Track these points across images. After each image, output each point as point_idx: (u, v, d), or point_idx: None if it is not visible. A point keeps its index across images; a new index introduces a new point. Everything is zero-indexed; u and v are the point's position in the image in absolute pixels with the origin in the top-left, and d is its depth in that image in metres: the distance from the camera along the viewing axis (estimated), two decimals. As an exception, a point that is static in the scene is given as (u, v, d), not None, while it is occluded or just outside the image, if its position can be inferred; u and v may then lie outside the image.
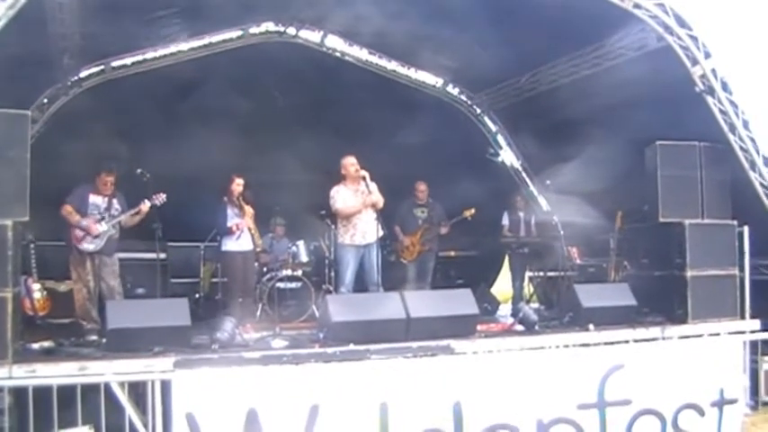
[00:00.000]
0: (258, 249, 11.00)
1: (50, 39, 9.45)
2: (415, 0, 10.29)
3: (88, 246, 9.52)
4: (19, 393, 6.72)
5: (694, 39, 9.46)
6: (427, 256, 12.25)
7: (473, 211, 12.15)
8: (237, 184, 10.58)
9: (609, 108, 11.12)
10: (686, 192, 9.86)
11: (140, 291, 11.41)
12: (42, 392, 6.66)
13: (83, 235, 9.46)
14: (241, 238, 10.45)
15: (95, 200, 9.71)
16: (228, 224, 10.42)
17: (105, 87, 12.23)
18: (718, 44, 9.65)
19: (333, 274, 11.47)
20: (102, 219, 9.61)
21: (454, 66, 13.58)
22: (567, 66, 11.78)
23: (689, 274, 9.68)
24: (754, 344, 9.57)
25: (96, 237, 9.52)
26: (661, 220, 9.86)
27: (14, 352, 7.15)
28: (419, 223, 12.24)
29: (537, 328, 9.46)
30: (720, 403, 8.72)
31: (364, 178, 9.93)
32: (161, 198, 9.80)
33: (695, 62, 9.53)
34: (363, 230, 10.07)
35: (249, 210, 10.66)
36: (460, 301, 8.93)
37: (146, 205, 9.74)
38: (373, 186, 10.00)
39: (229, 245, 10.48)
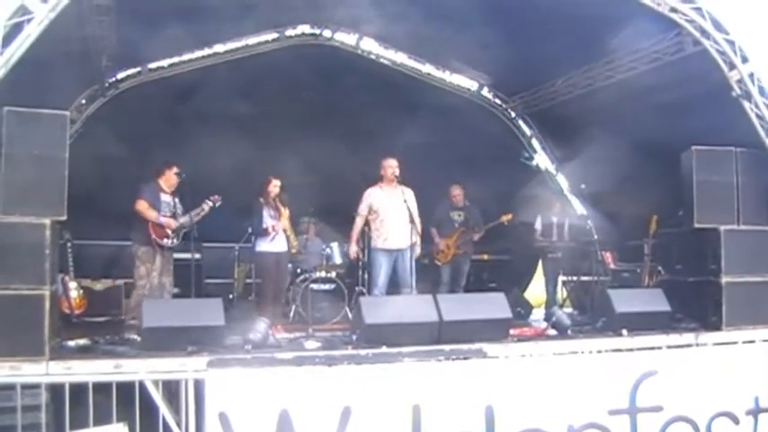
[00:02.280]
0: (294, 251, 11.03)
1: (89, 40, 9.54)
2: (449, 4, 10.27)
3: (168, 242, 9.78)
4: (55, 390, 6.80)
5: (731, 43, 9.36)
6: (462, 259, 12.30)
7: (510, 216, 12.18)
8: (274, 186, 10.62)
9: (644, 112, 11.07)
10: (722, 197, 9.74)
11: (175, 290, 11.49)
12: (78, 389, 6.75)
13: (163, 231, 9.69)
14: (275, 239, 10.48)
15: (165, 198, 9.96)
16: (264, 225, 10.45)
17: (142, 89, 12.34)
18: (755, 48, 9.60)
19: (366, 276, 11.49)
20: (174, 216, 9.89)
21: (489, 70, 13.56)
22: (602, 70, 11.69)
23: (724, 280, 9.55)
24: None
25: (174, 233, 9.78)
26: (696, 225, 9.76)
27: (51, 349, 7.23)
28: (455, 226, 12.29)
29: (570, 332, 9.42)
30: (756, 412, 8.66)
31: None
32: (218, 200, 10.01)
33: (732, 66, 9.42)
34: (396, 235, 10.10)
35: (285, 211, 10.68)
36: (493, 305, 8.91)
37: (207, 205, 9.93)
38: (410, 195, 10.10)
39: (263, 246, 10.51)
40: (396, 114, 12.74)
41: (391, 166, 10.20)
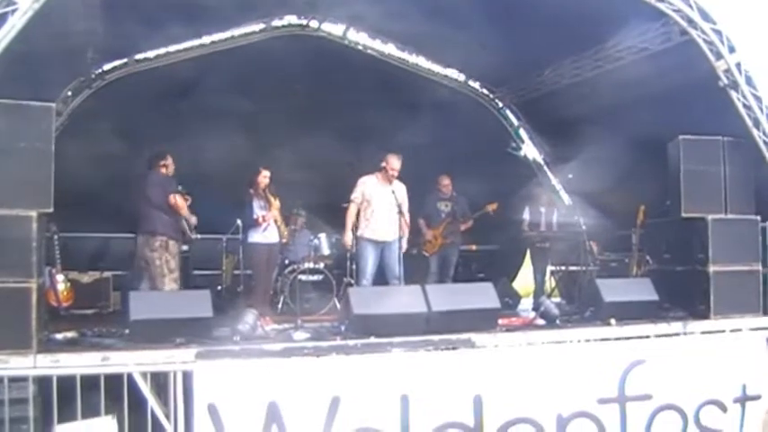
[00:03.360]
0: (284, 241, 11.01)
1: (75, 31, 9.48)
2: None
3: (195, 236, 10.11)
4: (43, 383, 6.77)
5: (718, 33, 9.37)
6: (450, 249, 12.28)
7: (495, 205, 12.16)
8: (264, 176, 10.58)
9: (632, 102, 11.07)
10: (709, 187, 9.74)
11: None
12: (66, 382, 6.73)
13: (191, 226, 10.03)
14: (267, 230, 10.45)
15: None
16: (254, 216, 10.43)
17: (128, 81, 12.29)
18: (742, 38, 9.61)
19: (354, 267, 11.48)
20: None
21: (476, 60, 13.52)
22: (589, 60, 11.72)
23: (711, 269, 9.55)
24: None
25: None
26: (683, 215, 9.76)
27: (38, 342, 7.19)
28: (442, 217, 12.27)
29: (558, 322, 9.40)
30: (743, 399, 8.71)
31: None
32: None
33: (719, 56, 9.43)
34: (384, 227, 10.17)
35: (276, 202, 10.66)
36: (482, 295, 8.90)
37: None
38: (401, 188, 10.22)
39: (255, 237, 10.49)
40: (383, 106, 12.72)
41: (393, 167, 10.27)
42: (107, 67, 12.04)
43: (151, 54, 12.31)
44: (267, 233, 10.50)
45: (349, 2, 11.05)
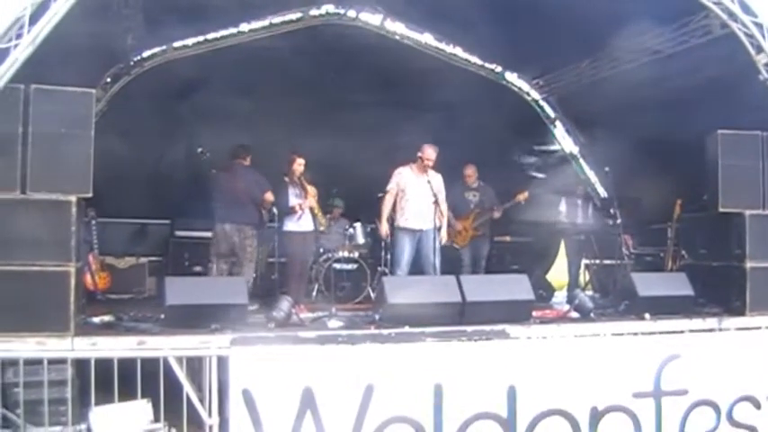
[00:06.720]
0: (322, 229, 11.02)
1: (115, 19, 9.57)
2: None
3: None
4: (81, 365, 6.85)
5: (759, 26, 9.27)
6: (480, 241, 12.12)
7: (526, 194, 11.93)
8: (299, 164, 10.48)
9: (670, 95, 10.98)
10: (747, 182, 9.62)
11: (198, 268, 11.57)
12: (103, 365, 6.80)
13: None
14: (302, 218, 10.43)
15: None
16: (290, 204, 10.42)
17: (166, 68, 12.35)
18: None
19: (389, 256, 11.47)
20: None
21: (513, 51, 13.46)
22: (628, 52, 11.63)
23: (748, 265, 9.47)
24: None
25: None
26: (721, 209, 9.66)
27: (76, 325, 7.30)
28: (470, 207, 12.14)
29: (592, 315, 9.35)
30: (777, 396, 8.63)
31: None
32: None
33: (760, 50, 9.32)
34: (419, 216, 10.14)
35: (312, 190, 10.59)
36: (516, 287, 8.92)
37: None
38: (437, 178, 10.27)
39: (290, 225, 10.44)
40: (418, 96, 12.73)
41: (429, 157, 10.23)
42: (146, 54, 12.12)
43: (189, 42, 12.35)
44: (301, 221, 10.44)
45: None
